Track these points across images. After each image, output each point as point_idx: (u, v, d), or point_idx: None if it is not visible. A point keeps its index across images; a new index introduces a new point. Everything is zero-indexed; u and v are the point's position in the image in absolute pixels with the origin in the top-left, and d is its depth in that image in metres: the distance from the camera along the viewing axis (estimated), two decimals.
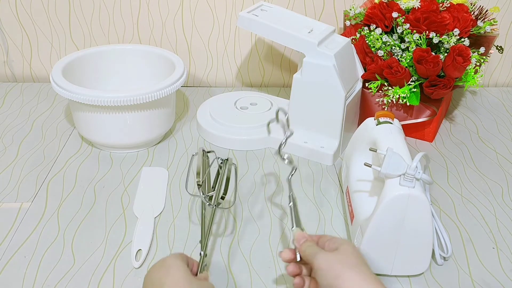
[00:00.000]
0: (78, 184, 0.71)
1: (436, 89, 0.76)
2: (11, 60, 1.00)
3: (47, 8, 0.95)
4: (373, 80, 0.80)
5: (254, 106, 0.87)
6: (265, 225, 0.64)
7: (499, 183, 0.74)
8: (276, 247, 0.61)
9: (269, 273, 0.57)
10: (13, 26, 0.97)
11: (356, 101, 0.80)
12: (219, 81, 1.04)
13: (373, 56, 0.80)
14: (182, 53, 1.00)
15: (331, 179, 0.73)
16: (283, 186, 0.71)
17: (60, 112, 0.90)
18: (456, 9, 0.78)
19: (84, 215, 0.65)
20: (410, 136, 0.84)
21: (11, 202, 0.67)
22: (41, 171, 0.73)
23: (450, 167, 0.77)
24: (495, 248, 0.62)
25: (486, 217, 0.67)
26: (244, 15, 0.76)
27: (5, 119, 0.87)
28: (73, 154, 0.78)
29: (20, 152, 0.78)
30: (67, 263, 0.57)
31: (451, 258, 0.60)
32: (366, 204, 0.58)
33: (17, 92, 0.97)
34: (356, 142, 0.67)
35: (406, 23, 0.77)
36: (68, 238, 0.61)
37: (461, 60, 0.74)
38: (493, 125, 0.90)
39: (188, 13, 0.96)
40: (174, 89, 0.75)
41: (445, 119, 0.91)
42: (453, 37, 0.75)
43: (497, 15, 0.84)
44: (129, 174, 0.73)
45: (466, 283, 0.57)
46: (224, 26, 0.97)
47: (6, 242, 0.60)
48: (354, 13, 0.85)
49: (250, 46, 1.00)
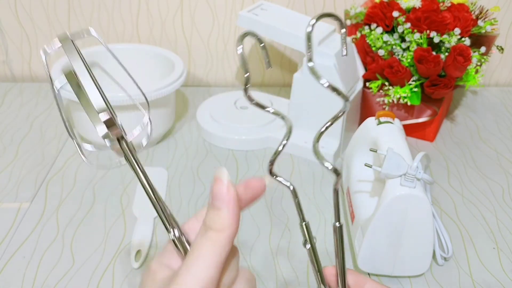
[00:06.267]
0: (77, 184, 0.71)
1: (437, 88, 0.76)
2: (10, 60, 1.00)
3: (46, 8, 0.95)
4: (374, 79, 0.80)
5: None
6: (265, 225, 0.64)
7: (500, 183, 0.74)
8: (276, 247, 0.60)
9: (269, 274, 0.57)
10: (12, 26, 0.97)
11: (356, 100, 0.80)
12: (219, 81, 1.03)
13: (373, 55, 0.80)
14: (181, 52, 0.99)
15: (331, 179, 0.73)
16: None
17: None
18: (457, 9, 0.78)
19: (83, 215, 0.65)
20: (411, 136, 0.84)
21: (10, 202, 0.67)
22: (41, 171, 0.73)
23: (451, 167, 0.77)
24: (495, 248, 0.61)
25: (487, 217, 0.67)
26: (244, 14, 0.76)
27: (4, 119, 0.87)
28: (73, 154, 0.77)
29: (19, 152, 0.78)
30: (66, 264, 0.57)
31: (451, 258, 0.60)
32: (367, 205, 0.58)
33: (16, 92, 0.96)
34: (357, 142, 0.67)
35: (407, 22, 0.77)
36: (68, 238, 0.61)
37: (462, 60, 0.74)
38: (494, 125, 0.90)
39: (187, 12, 0.95)
40: (173, 89, 0.74)
41: (446, 119, 0.91)
42: (454, 37, 0.75)
43: (498, 15, 0.84)
44: (128, 174, 0.73)
45: (467, 283, 0.56)
46: (224, 25, 0.97)
47: (6, 242, 0.60)
48: (355, 12, 0.85)
49: (250, 46, 0.99)
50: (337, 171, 0.33)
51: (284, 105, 0.86)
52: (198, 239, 0.31)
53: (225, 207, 0.31)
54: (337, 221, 0.36)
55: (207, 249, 0.30)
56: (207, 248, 0.30)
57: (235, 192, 0.31)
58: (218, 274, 0.30)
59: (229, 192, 0.31)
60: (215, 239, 0.30)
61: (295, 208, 0.36)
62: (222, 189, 0.31)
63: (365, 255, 0.55)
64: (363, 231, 0.55)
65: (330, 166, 0.32)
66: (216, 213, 0.31)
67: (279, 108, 0.91)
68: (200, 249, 0.30)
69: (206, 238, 0.31)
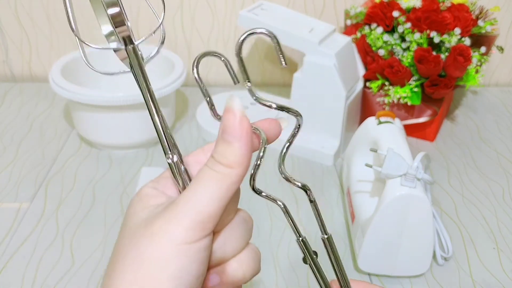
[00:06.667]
0: (77, 184, 0.71)
1: (437, 88, 0.76)
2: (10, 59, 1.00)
3: (46, 8, 0.95)
4: (374, 79, 0.80)
5: (254, 106, 0.87)
6: (265, 225, 0.64)
7: (500, 183, 0.73)
8: (276, 248, 0.60)
9: (269, 274, 0.57)
10: (12, 26, 0.96)
11: (357, 100, 0.80)
12: (219, 81, 1.03)
13: (374, 55, 0.80)
14: (181, 52, 0.99)
15: (332, 179, 0.73)
16: (283, 186, 0.71)
17: (59, 112, 0.89)
18: (457, 9, 0.78)
19: (83, 215, 0.65)
20: (411, 135, 0.84)
21: (10, 202, 0.67)
22: (40, 171, 0.73)
23: (451, 167, 0.77)
24: (495, 248, 0.61)
25: (487, 217, 0.66)
26: (244, 14, 0.76)
27: (4, 119, 0.87)
28: (72, 154, 0.77)
29: (19, 152, 0.78)
30: (66, 264, 0.57)
31: (451, 258, 0.60)
32: (367, 205, 0.58)
33: (16, 92, 0.96)
34: (357, 142, 0.67)
35: (407, 22, 0.77)
36: (67, 238, 0.61)
37: (462, 60, 0.74)
38: (494, 125, 0.90)
39: (187, 12, 0.95)
40: (173, 89, 0.74)
41: (446, 119, 0.91)
42: (454, 37, 0.75)
43: (498, 15, 0.83)
44: (128, 174, 0.73)
45: (467, 283, 0.56)
46: (224, 25, 0.97)
47: (5, 242, 0.60)
48: (355, 12, 0.85)
49: (250, 45, 0.99)
50: (305, 187, 0.31)
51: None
52: (204, 171, 0.27)
53: (237, 141, 0.27)
54: (323, 233, 0.33)
55: (213, 182, 0.27)
56: (213, 181, 0.27)
57: (249, 126, 0.28)
58: (219, 213, 0.27)
59: (242, 125, 0.27)
60: (223, 173, 0.27)
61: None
62: (234, 122, 0.27)
63: (365, 255, 0.55)
64: (363, 231, 0.55)
65: (299, 184, 0.30)
66: (226, 148, 0.27)
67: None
68: (205, 181, 0.27)
69: (214, 171, 0.27)
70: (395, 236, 0.53)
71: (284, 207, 0.31)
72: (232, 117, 0.27)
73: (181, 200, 0.27)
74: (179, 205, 0.26)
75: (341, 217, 0.65)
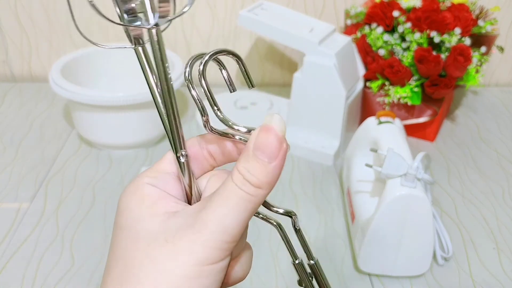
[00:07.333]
0: (77, 184, 0.70)
1: (437, 88, 0.76)
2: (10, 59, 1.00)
3: (46, 8, 0.95)
4: (374, 79, 0.80)
5: (254, 106, 0.87)
6: (265, 226, 0.64)
7: (500, 183, 0.73)
8: (276, 249, 0.60)
9: (270, 274, 0.57)
10: (12, 26, 0.96)
11: (357, 100, 0.80)
12: (219, 81, 1.03)
13: (374, 55, 0.80)
14: (181, 52, 0.99)
15: (332, 179, 0.73)
16: (283, 187, 0.71)
17: (59, 112, 0.89)
18: (457, 9, 0.78)
19: (83, 215, 0.65)
20: (412, 135, 0.84)
21: (10, 202, 0.67)
22: (40, 171, 0.73)
23: (451, 167, 0.77)
24: (495, 248, 0.61)
25: (487, 217, 0.66)
26: (244, 14, 0.76)
27: (4, 119, 0.87)
28: (72, 154, 0.77)
29: (19, 152, 0.78)
30: (66, 264, 0.57)
31: (452, 259, 0.60)
32: (367, 205, 0.58)
33: (16, 92, 0.96)
34: (357, 142, 0.67)
35: (407, 22, 0.77)
36: (67, 238, 0.61)
37: (462, 60, 0.73)
38: (494, 125, 0.90)
39: (187, 12, 0.95)
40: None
41: (446, 119, 0.91)
42: (454, 37, 0.75)
43: (498, 15, 0.83)
44: (128, 174, 0.73)
45: (467, 283, 0.56)
46: (224, 25, 0.97)
47: (5, 242, 0.60)
48: (355, 12, 0.85)
49: (250, 45, 0.99)
50: (291, 213, 0.31)
51: (284, 105, 0.86)
52: (231, 189, 0.26)
53: (273, 161, 0.26)
54: (310, 259, 0.33)
55: (241, 203, 0.25)
56: (241, 202, 0.25)
57: (287, 148, 0.26)
58: (241, 234, 0.26)
59: (281, 145, 0.26)
60: (252, 194, 0.25)
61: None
62: (274, 142, 0.26)
63: (365, 255, 0.55)
64: (363, 231, 0.55)
65: (281, 211, 0.30)
66: (259, 167, 0.26)
67: (279, 108, 0.91)
68: (232, 201, 0.25)
69: (242, 190, 0.25)
70: (395, 236, 0.53)
71: (278, 225, 0.31)
72: (272, 136, 0.26)
73: (209, 220, 0.25)
74: (208, 225, 0.25)
75: (341, 217, 0.65)
